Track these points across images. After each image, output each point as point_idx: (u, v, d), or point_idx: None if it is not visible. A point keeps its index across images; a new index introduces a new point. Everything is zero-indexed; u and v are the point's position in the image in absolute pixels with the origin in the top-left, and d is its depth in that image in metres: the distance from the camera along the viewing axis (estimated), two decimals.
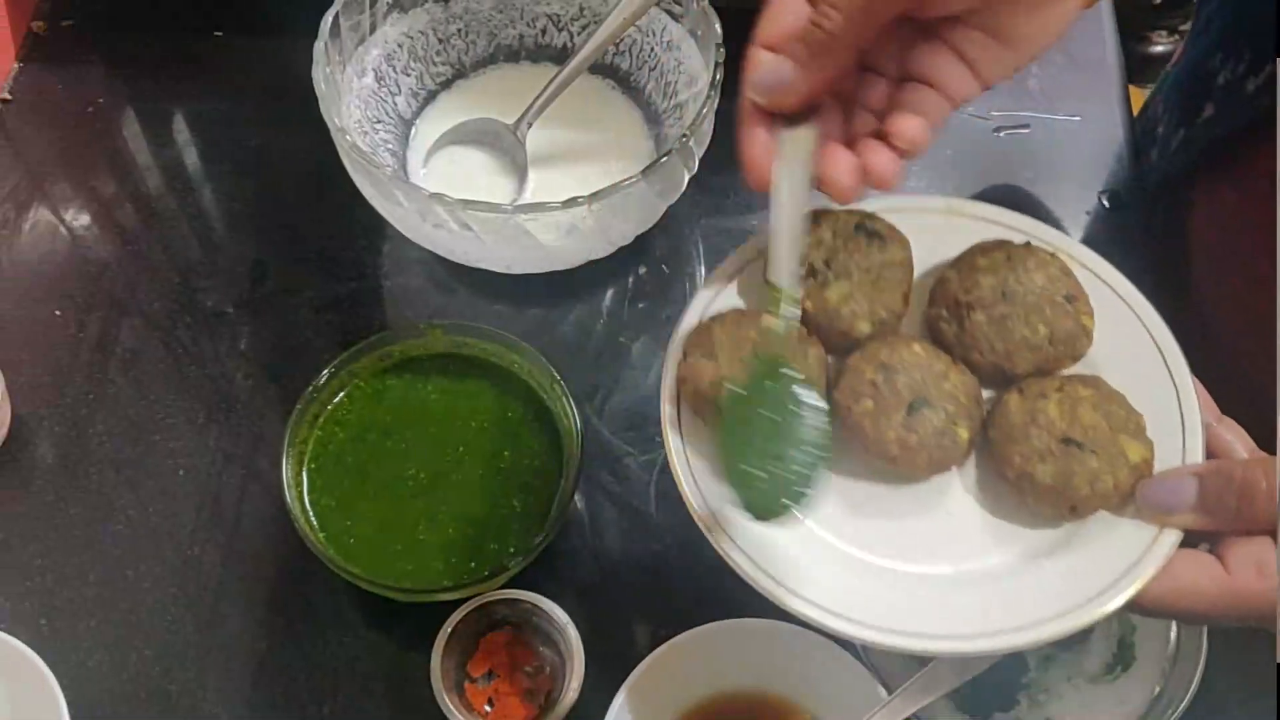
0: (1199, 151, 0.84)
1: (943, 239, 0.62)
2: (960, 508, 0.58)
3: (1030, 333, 0.58)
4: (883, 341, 0.58)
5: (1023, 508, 0.57)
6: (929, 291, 0.61)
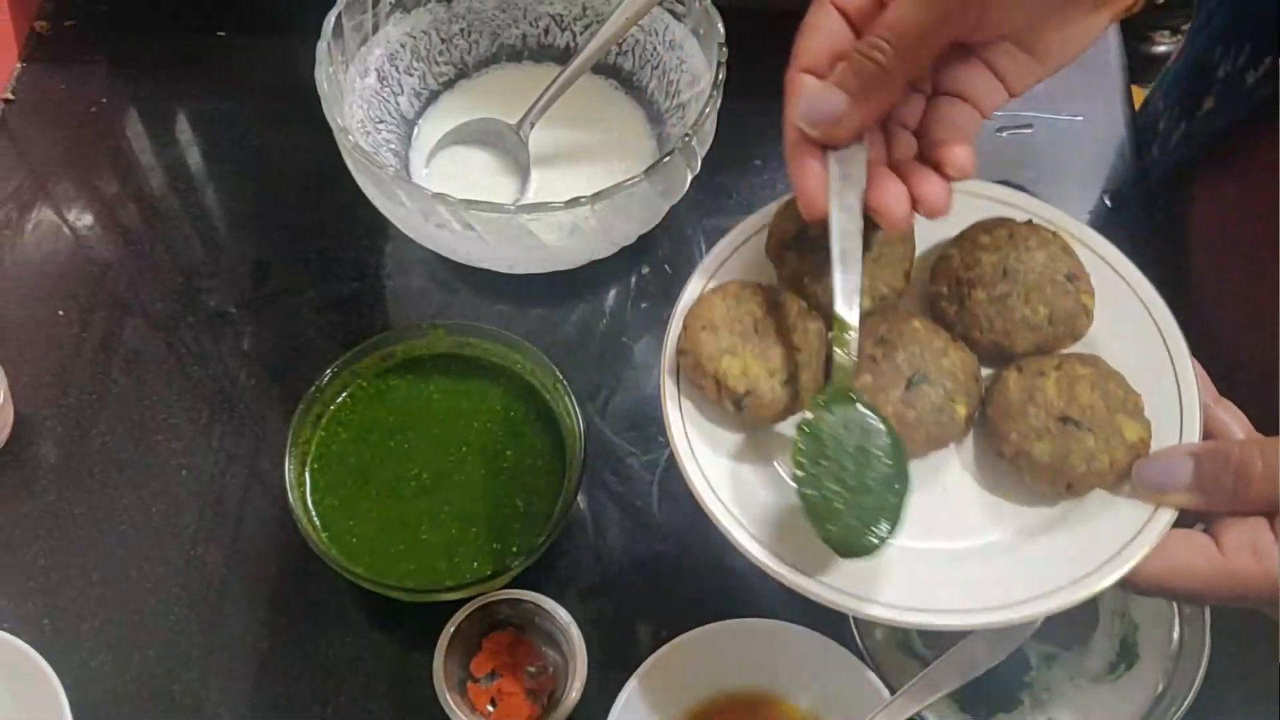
0: (1199, 146, 0.84)
1: (945, 216, 0.62)
2: (957, 485, 0.58)
3: (1030, 311, 0.58)
4: (882, 317, 0.59)
5: (1019, 485, 0.57)
6: (930, 269, 0.61)
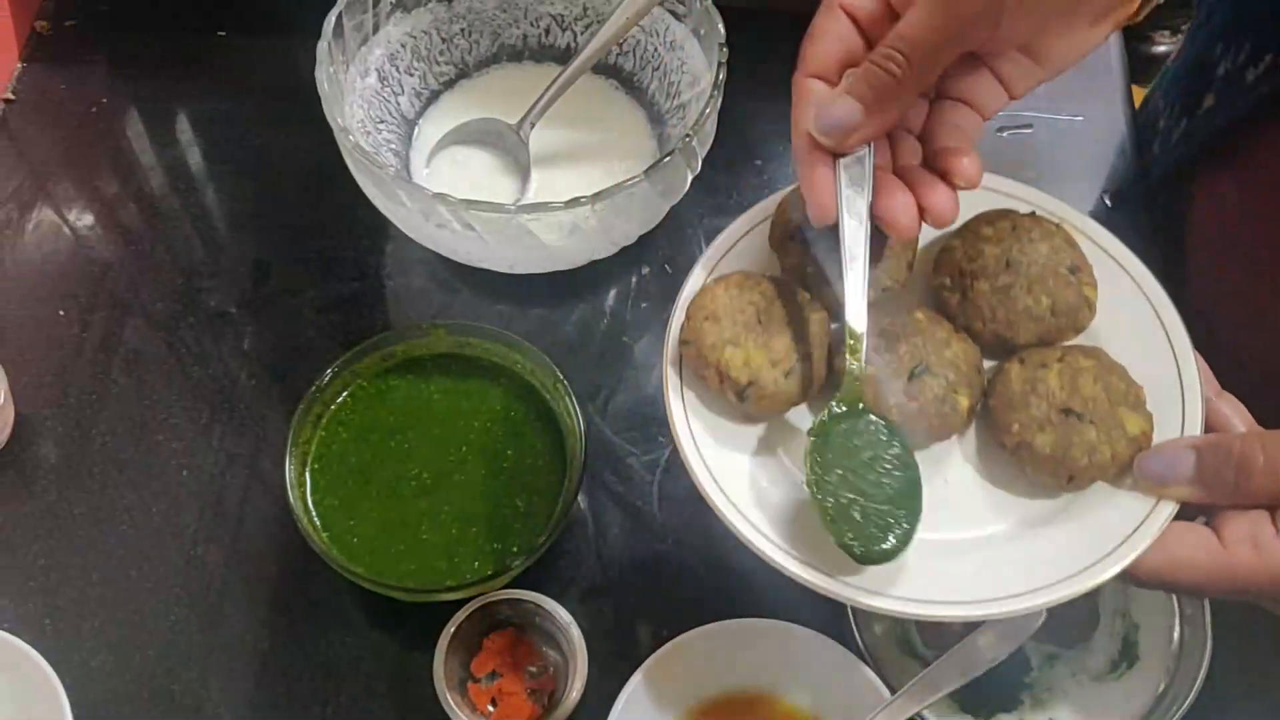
0: (1199, 144, 0.84)
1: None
2: (959, 476, 0.58)
3: (1033, 303, 0.58)
4: (885, 309, 0.58)
5: (1021, 477, 0.57)
6: (933, 260, 0.61)
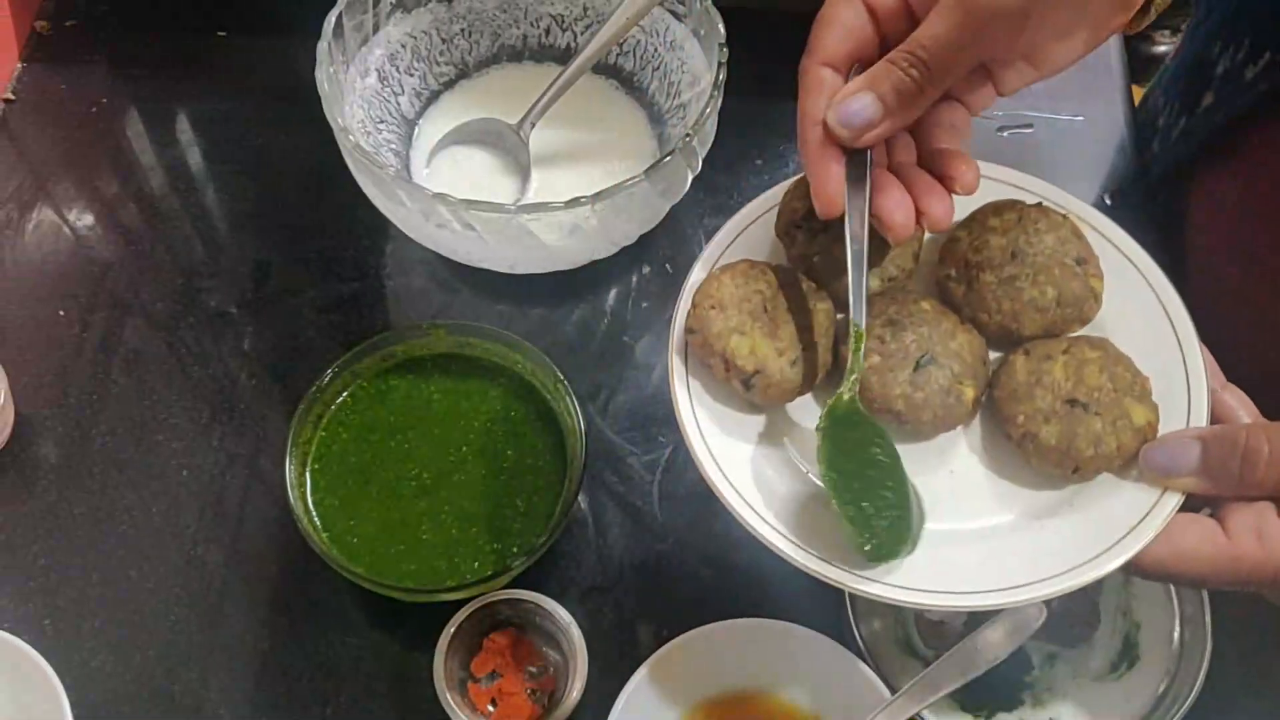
0: (1199, 142, 0.84)
1: (956, 198, 0.61)
2: (964, 467, 0.58)
3: (1038, 294, 0.57)
4: (891, 299, 0.59)
5: (1026, 468, 0.57)
6: (939, 250, 0.61)
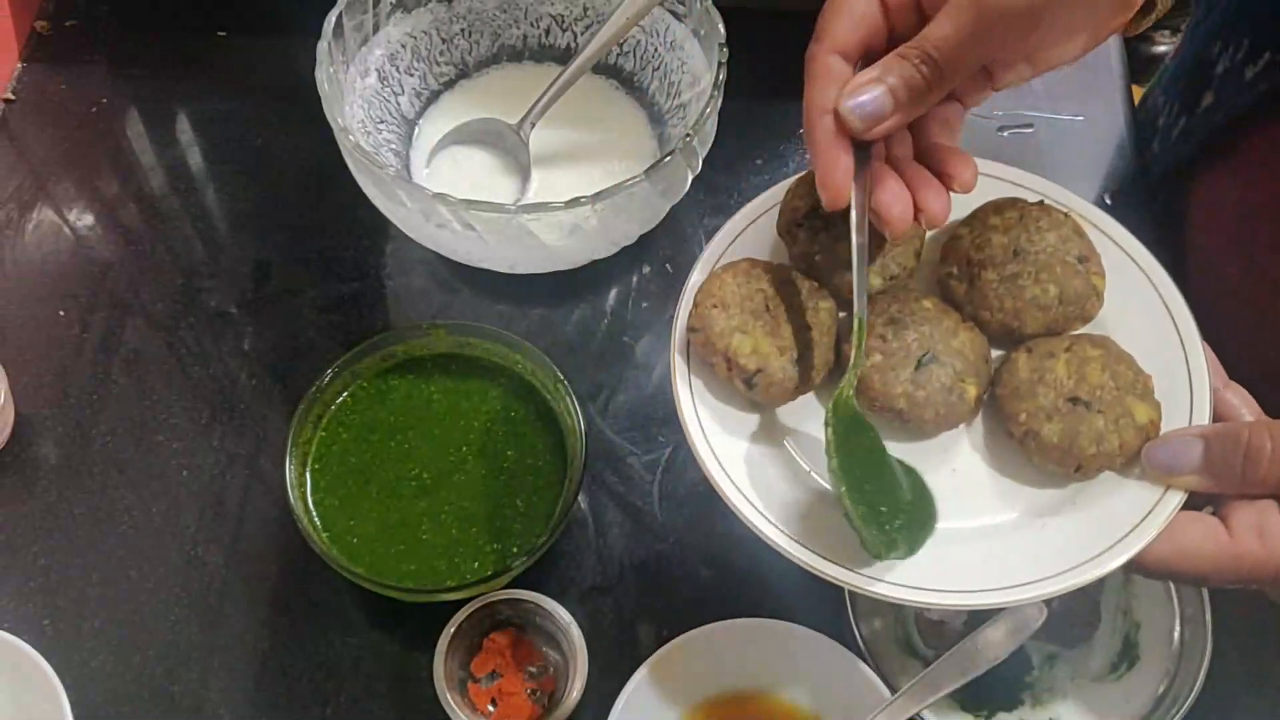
0: (1199, 142, 0.84)
1: (957, 195, 0.61)
2: (966, 465, 0.58)
3: (1040, 292, 0.57)
4: (893, 297, 0.59)
5: (1028, 466, 0.57)
6: (941, 248, 0.61)
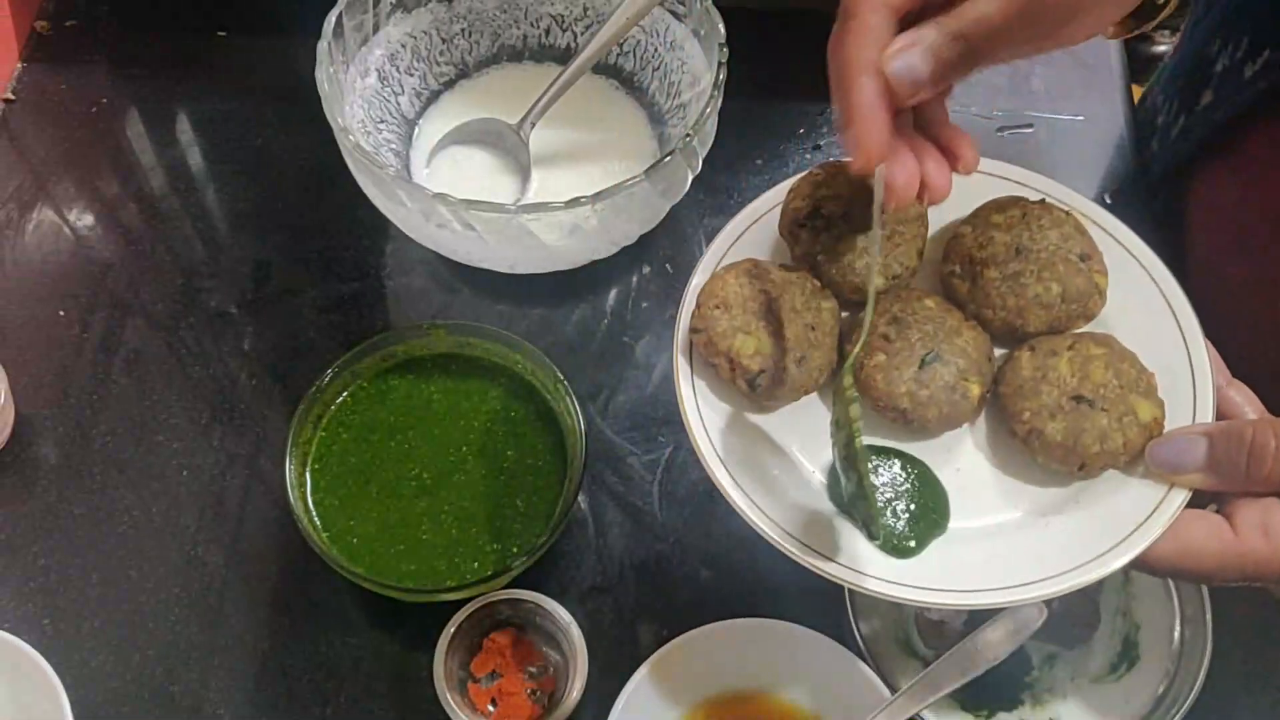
0: (1198, 141, 0.84)
1: (958, 195, 0.61)
2: (970, 464, 0.58)
3: (1043, 290, 0.57)
4: (896, 296, 0.59)
5: (1032, 465, 0.57)
6: (943, 247, 0.61)
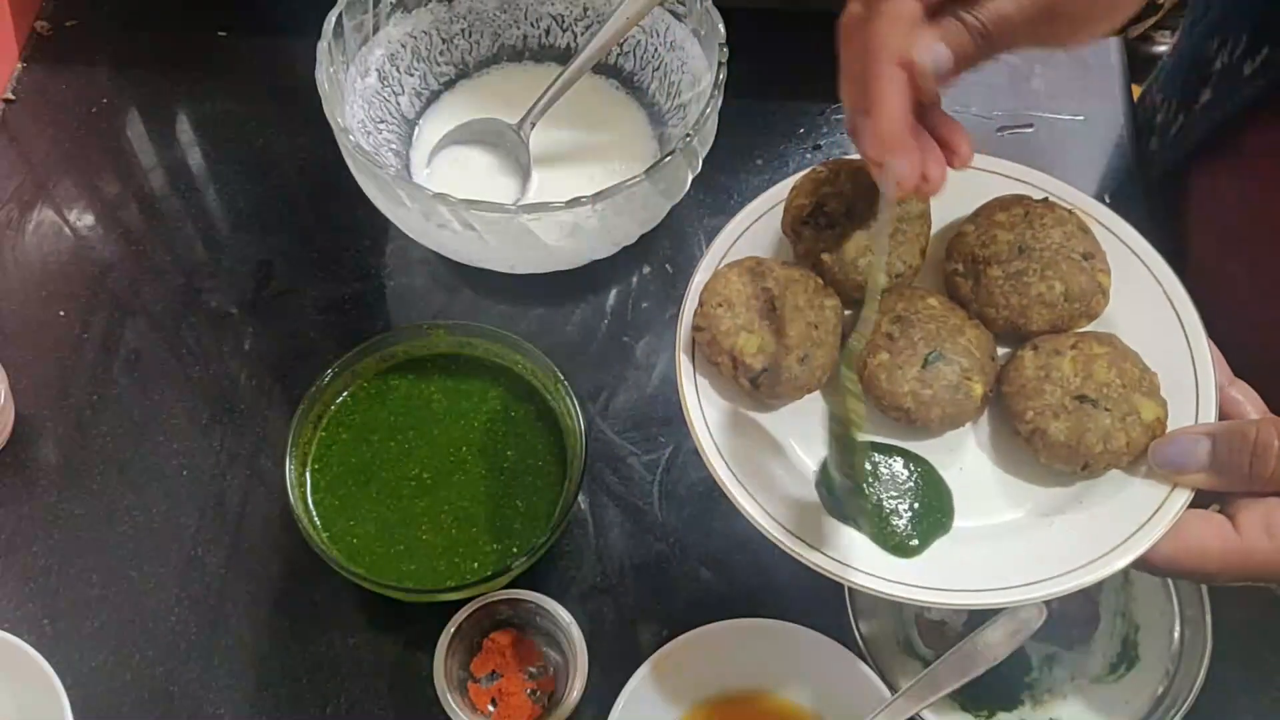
0: (1197, 139, 0.84)
1: (961, 193, 0.61)
2: (973, 464, 0.58)
3: (1046, 289, 0.57)
4: (899, 294, 0.59)
5: (1035, 465, 0.57)
6: (946, 246, 0.61)
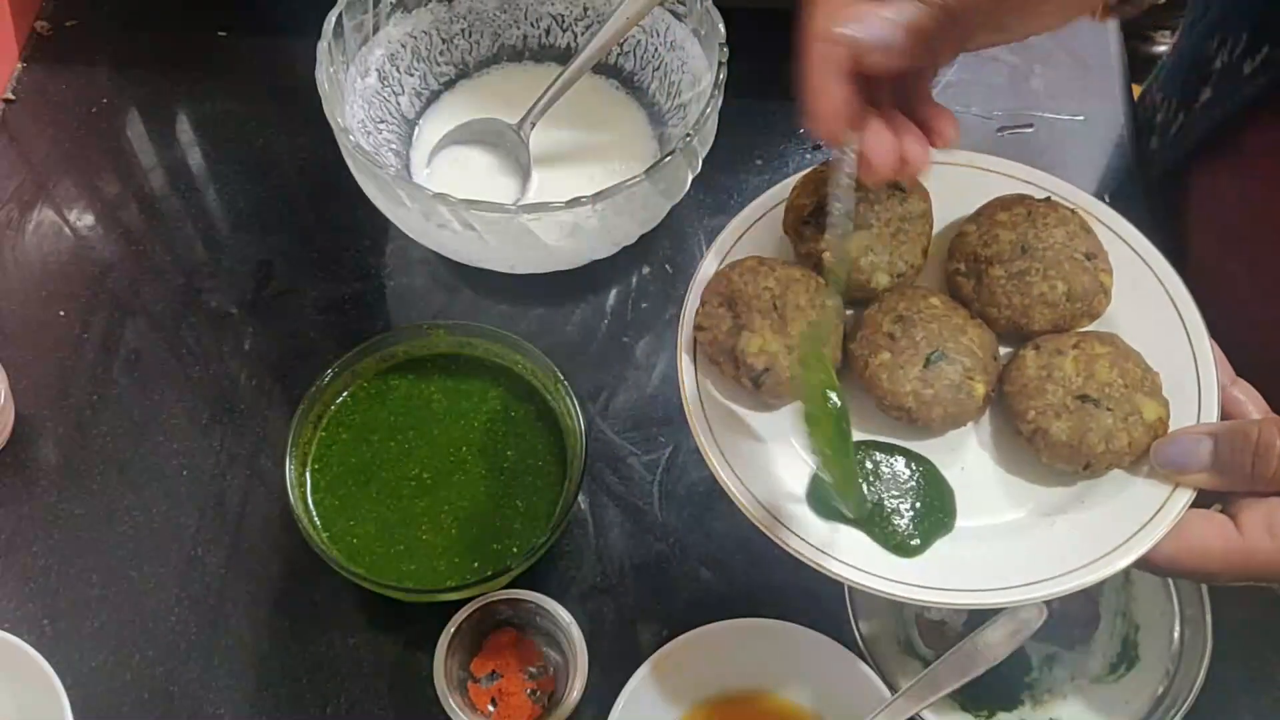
0: (1197, 138, 0.84)
1: (963, 193, 0.61)
2: (975, 464, 0.58)
3: (1048, 289, 0.57)
4: (901, 294, 0.58)
5: (1037, 464, 0.57)
6: (948, 246, 0.61)
